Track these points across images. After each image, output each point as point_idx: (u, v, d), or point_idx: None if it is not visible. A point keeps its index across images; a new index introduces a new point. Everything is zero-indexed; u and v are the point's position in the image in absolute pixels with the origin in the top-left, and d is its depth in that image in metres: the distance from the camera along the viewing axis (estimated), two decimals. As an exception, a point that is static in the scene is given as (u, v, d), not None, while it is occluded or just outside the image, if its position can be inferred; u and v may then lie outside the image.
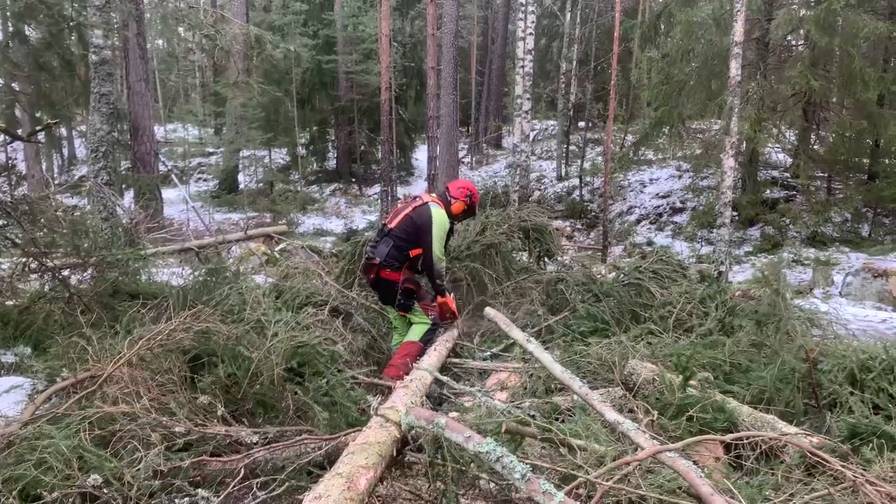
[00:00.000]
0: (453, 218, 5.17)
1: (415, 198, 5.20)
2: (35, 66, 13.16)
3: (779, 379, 3.73)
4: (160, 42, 31.85)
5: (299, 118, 20.58)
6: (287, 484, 2.83)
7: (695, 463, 2.47)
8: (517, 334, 4.30)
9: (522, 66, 14.65)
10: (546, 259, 7.05)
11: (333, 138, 23.62)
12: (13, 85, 13.88)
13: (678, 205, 16.36)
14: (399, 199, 16.65)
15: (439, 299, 5.12)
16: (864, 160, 14.25)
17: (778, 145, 16.54)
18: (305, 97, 21.17)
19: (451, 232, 5.21)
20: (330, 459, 2.90)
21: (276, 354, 3.45)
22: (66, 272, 5.19)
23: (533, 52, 15.28)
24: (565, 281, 6.01)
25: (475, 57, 26.80)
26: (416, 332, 4.99)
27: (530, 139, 17.87)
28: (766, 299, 4.83)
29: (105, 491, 2.59)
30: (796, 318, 4.67)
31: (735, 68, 8.40)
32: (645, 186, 17.85)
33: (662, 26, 16.89)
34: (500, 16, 26.92)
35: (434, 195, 5.19)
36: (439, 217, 4.91)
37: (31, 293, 5.24)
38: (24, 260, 5.04)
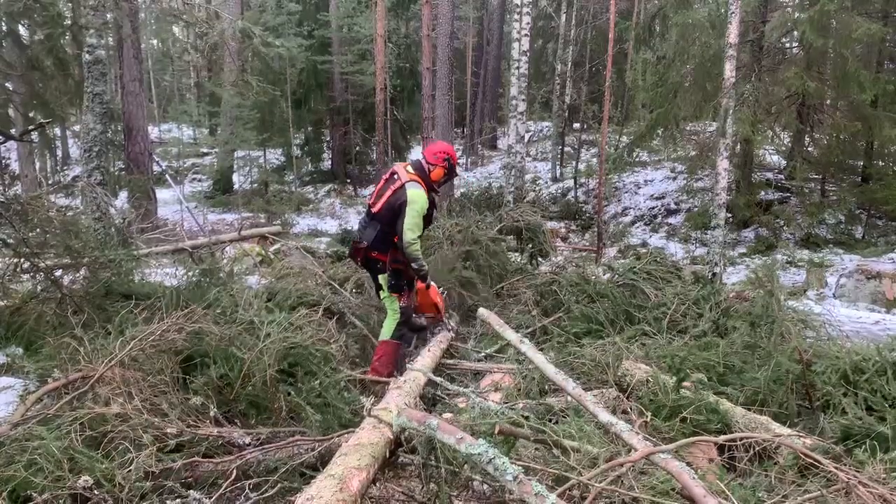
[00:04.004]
0: (435, 185, 5.04)
1: (392, 173, 5.00)
2: (28, 66, 13.08)
3: (772, 380, 3.74)
4: (155, 42, 31.76)
5: (294, 119, 20.53)
6: (279, 485, 2.82)
7: (688, 464, 2.47)
8: (511, 335, 4.29)
9: (517, 68, 14.63)
10: (540, 259, 7.04)
11: (328, 139, 23.59)
12: (6, 84, 13.81)
13: (673, 206, 16.38)
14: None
15: (418, 285, 5.01)
16: (858, 162, 14.29)
17: (772, 147, 16.59)
18: (301, 98, 21.13)
19: (433, 205, 5.04)
20: (323, 461, 2.89)
21: (269, 355, 3.44)
22: (58, 272, 5.16)
23: (528, 54, 15.27)
24: (559, 282, 6.01)
25: (470, 58, 26.81)
26: (386, 330, 4.96)
27: (525, 140, 17.85)
28: (760, 301, 4.84)
29: (96, 492, 2.58)
30: (790, 319, 4.68)
31: (730, 70, 8.40)
32: (640, 188, 17.87)
33: (657, 28, 16.90)
34: (496, 17, 26.92)
35: (411, 170, 4.97)
36: (415, 198, 4.76)
37: (22, 293, 5.22)
38: (15, 260, 5.01)
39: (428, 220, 5.03)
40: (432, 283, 5.16)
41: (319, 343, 3.95)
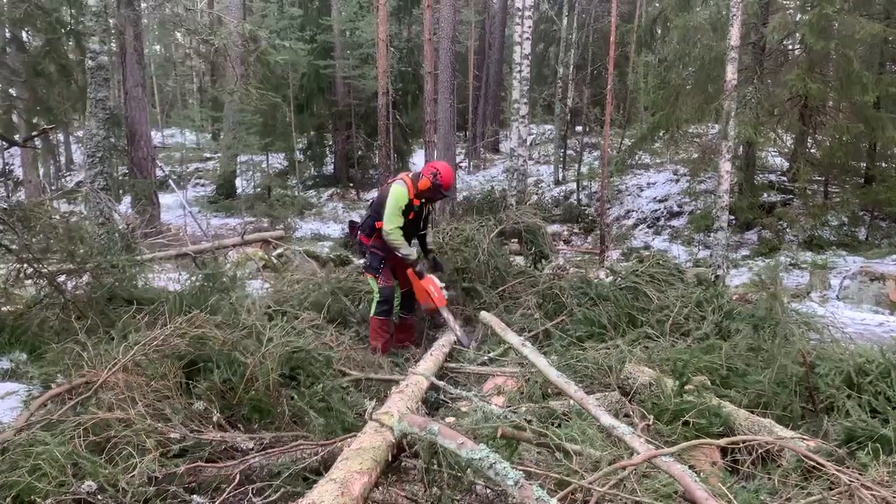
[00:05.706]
0: (421, 194, 5.47)
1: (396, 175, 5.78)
2: (32, 72, 13.13)
3: (776, 383, 3.73)
4: (157, 47, 31.84)
5: (297, 123, 20.55)
6: (282, 490, 2.82)
7: (691, 468, 2.47)
8: (513, 339, 4.30)
9: (519, 71, 14.64)
10: (542, 261, 7.02)
11: (331, 143, 23.60)
12: (10, 90, 13.86)
13: (675, 209, 16.36)
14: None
15: (409, 273, 5.50)
16: (861, 163, 14.26)
17: (775, 149, 16.57)
18: (303, 102, 21.15)
19: (412, 208, 5.47)
20: (326, 465, 2.89)
21: (272, 360, 3.44)
22: (61, 278, 5.17)
23: (530, 57, 15.28)
24: (561, 285, 6.00)
25: (472, 62, 26.81)
26: (371, 308, 5.49)
27: (527, 143, 17.86)
28: (763, 303, 4.83)
29: (99, 497, 2.58)
30: (793, 321, 4.67)
31: (731, 72, 8.40)
32: (642, 190, 17.85)
33: (659, 31, 16.93)
34: (497, 21, 26.93)
35: (410, 174, 5.59)
36: (395, 191, 5.37)
37: (26, 299, 5.23)
38: (18, 266, 5.02)
39: (413, 221, 5.54)
40: (431, 276, 5.55)
41: (322, 347, 3.96)
